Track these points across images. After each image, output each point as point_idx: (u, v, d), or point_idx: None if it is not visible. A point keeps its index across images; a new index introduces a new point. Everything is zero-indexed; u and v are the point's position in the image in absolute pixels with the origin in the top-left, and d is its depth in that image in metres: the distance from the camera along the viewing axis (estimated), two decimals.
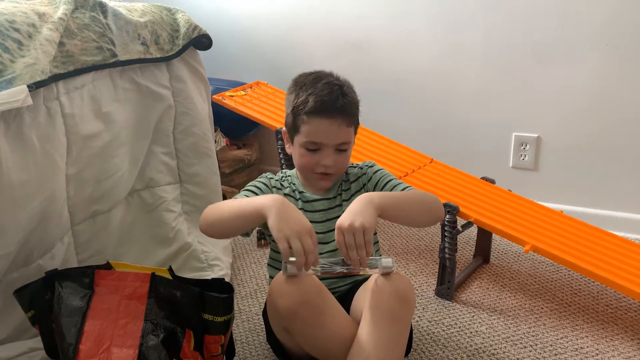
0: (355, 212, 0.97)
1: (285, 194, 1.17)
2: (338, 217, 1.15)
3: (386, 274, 1.00)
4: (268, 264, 1.23)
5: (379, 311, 0.98)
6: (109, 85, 1.24)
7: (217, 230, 1.08)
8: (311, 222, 1.14)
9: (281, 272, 1.00)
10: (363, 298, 1.04)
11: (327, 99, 1.07)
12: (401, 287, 1.00)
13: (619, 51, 1.74)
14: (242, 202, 1.04)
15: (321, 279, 1.06)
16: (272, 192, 1.16)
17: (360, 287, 1.12)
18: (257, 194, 1.13)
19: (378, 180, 1.17)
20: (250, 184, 1.17)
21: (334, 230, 1.15)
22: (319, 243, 1.15)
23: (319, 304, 1.00)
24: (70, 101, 1.12)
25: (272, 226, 0.95)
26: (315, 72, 1.14)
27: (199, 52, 1.48)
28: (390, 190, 1.13)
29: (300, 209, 1.16)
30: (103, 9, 1.23)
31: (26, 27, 1.04)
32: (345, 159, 1.13)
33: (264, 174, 1.21)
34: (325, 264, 1.01)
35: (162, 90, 1.38)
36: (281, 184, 1.19)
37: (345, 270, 1.00)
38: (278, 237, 0.94)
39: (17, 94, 0.95)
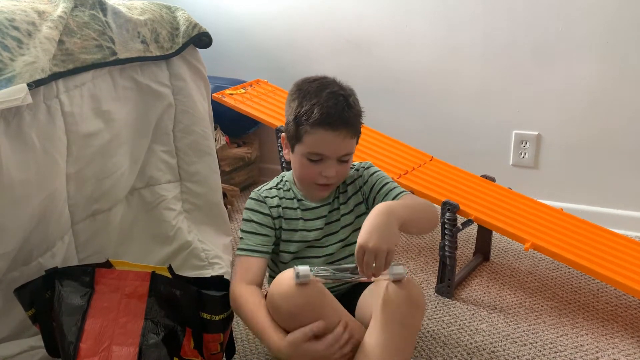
0: (381, 232, 0.92)
1: (283, 208, 1.14)
2: (336, 220, 1.16)
3: (397, 280, 0.99)
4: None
5: (389, 317, 0.97)
6: (109, 84, 1.23)
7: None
8: (311, 229, 1.15)
9: (281, 274, 0.99)
10: (371, 302, 1.03)
11: (333, 112, 1.03)
12: (413, 294, 0.99)
13: (619, 50, 1.74)
14: (260, 326, 1.00)
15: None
16: (264, 215, 1.13)
17: (367, 290, 1.10)
18: (257, 234, 1.11)
19: (374, 184, 1.15)
20: (244, 225, 1.12)
21: (331, 234, 1.16)
22: (316, 247, 1.15)
23: (318, 306, 0.99)
24: (70, 100, 1.12)
25: None
26: (319, 79, 1.09)
27: (198, 50, 1.48)
28: (386, 194, 1.13)
29: (299, 218, 1.15)
30: (103, 7, 1.22)
31: (26, 25, 1.04)
32: (346, 169, 1.11)
33: (252, 193, 1.16)
34: (336, 271, 0.99)
35: (162, 89, 1.38)
36: (275, 194, 1.15)
37: (356, 278, 0.99)
38: None
39: (16, 93, 0.95)
